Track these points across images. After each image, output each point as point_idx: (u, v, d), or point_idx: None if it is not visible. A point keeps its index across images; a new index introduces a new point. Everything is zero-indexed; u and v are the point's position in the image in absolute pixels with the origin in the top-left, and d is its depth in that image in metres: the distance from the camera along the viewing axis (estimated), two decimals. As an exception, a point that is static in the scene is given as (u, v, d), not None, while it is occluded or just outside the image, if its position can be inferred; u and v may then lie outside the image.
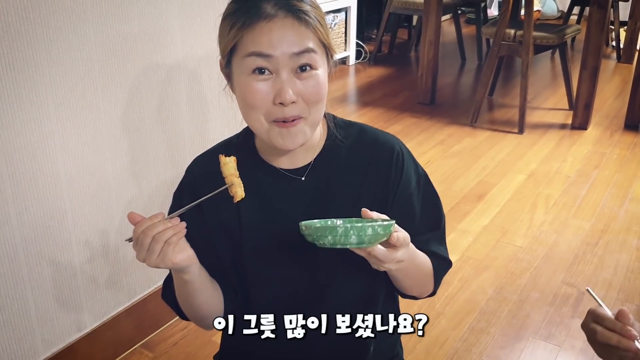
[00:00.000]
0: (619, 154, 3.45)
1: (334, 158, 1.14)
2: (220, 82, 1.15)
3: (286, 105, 1.00)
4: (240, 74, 1.02)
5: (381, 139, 1.16)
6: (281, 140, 1.04)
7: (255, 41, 0.99)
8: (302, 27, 1.00)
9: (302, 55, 1.00)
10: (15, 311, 1.58)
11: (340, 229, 0.91)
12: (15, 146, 1.46)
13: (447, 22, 6.21)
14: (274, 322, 1.20)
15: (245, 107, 1.04)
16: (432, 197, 1.21)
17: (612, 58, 5.40)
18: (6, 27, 1.38)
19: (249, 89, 1.01)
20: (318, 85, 1.03)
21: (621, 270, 2.37)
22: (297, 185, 1.13)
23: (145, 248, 0.98)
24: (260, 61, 0.99)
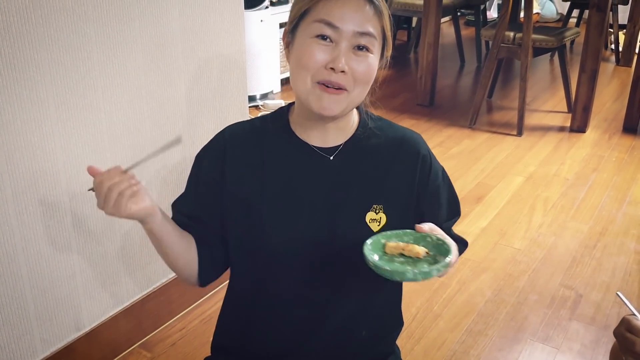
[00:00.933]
0: (617, 156, 3.46)
1: (363, 145, 1.19)
2: (220, 82, 1.15)
3: (336, 72, 1.06)
4: (304, 36, 1.08)
5: (408, 136, 1.23)
6: (319, 102, 1.08)
7: (328, 10, 1.05)
8: (371, 11, 1.07)
9: (363, 36, 1.06)
10: (14, 310, 1.58)
11: (409, 274, 1.00)
12: (16, 146, 1.46)
13: (446, 24, 6.22)
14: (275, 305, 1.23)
15: (298, 67, 1.09)
16: (452, 189, 1.31)
17: (611, 61, 5.41)
18: (7, 26, 1.38)
19: (308, 50, 1.06)
20: (369, 67, 1.09)
21: (619, 273, 2.38)
22: (324, 164, 1.17)
23: (102, 197, 1.04)
24: (327, 29, 1.05)
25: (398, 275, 1.00)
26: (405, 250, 1.07)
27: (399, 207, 1.19)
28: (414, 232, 1.09)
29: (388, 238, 1.10)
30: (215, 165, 1.19)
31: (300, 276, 1.19)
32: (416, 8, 4.85)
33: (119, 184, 1.04)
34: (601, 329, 2.06)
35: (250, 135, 1.21)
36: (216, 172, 1.19)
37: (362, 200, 1.17)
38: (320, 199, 1.16)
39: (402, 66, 5.29)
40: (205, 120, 1.96)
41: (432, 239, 1.08)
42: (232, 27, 1.96)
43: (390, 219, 1.18)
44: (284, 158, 1.17)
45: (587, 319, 2.12)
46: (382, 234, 1.10)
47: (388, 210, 1.18)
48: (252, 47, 3.76)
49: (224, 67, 1.97)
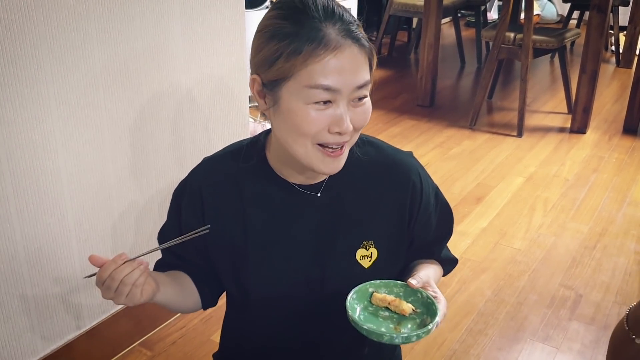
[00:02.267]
0: (617, 157, 3.47)
1: (350, 175, 1.11)
2: (221, 82, 1.15)
3: (343, 134, 0.98)
4: (296, 101, 0.96)
5: (398, 160, 1.15)
6: (323, 166, 1.02)
7: (324, 74, 0.94)
8: (362, 57, 0.97)
9: (361, 88, 0.98)
10: (15, 308, 1.58)
11: (386, 337, 0.97)
12: (17, 143, 1.47)
13: (446, 24, 6.22)
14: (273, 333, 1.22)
15: (295, 133, 0.99)
16: (446, 208, 1.24)
17: (611, 62, 5.41)
18: (9, 24, 1.38)
19: (307, 118, 0.96)
20: (367, 112, 1.02)
21: (619, 274, 2.38)
22: (312, 202, 1.11)
23: (112, 290, 0.98)
24: (326, 94, 0.95)
25: (375, 336, 0.96)
26: (391, 305, 1.03)
27: (391, 239, 1.14)
28: (405, 284, 1.05)
29: (377, 288, 1.06)
30: (192, 211, 1.13)
31: (292, 317, 1.16)
32: (416, 9, 4.85)
33: (131, 275, 0.97)
34: (601, 329, 2.07)
35: (224, 176, 1.12)
36: (194, 218, 1.12)
37: (351, 237, 1.12)
38: (308, 239, 1.11)
39: (402, 67, 5.29)
40: (206, 119, 1.96)
41: (422, 295, 1.03)
42: (233, 26, 1.97)
43: (381, 253, 1.13)
44: (264, 200, 1.10)
45: (587, 319, 2.12)
46: (372, 282, 1.06)
47: (379, 245, 1.13)
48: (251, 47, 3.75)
49: (225, 66, 1.97)
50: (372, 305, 1.05)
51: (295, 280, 1.11)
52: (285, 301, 1.14)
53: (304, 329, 1.18)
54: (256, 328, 1.22)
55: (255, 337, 1.23)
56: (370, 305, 1.05)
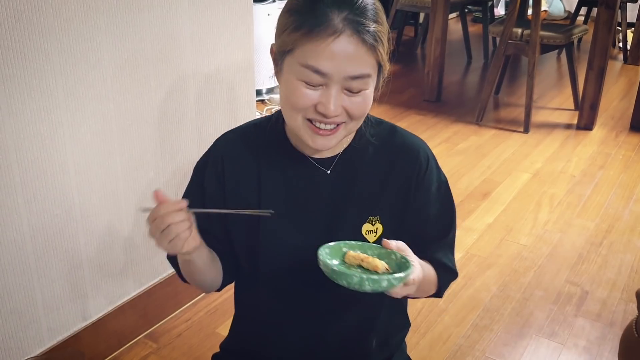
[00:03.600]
0: (624, 154, 3.45)
1: (360, 155, 1.14)
2: (228, 73, 1.15)
3: (328, 117, 1.01)
4: (291, 74, 1.00)
5: (408, 142, 1.16)
6: (312, 141, 1.05)
7: (315, 55, 0.96)
8: (363, 50, 0.97)
9: (356, 80, 0.99)
10: (22, 299, 1.58)
11: (355, 278, 0.94)
12: (25, 135, 1.47)
13: (453, 20, 6.21)
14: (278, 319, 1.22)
15: (287, 104, 1.04)
16: (448, 205, 1.21)
17: (619, 59, 5.39)
18: (18, 15, 1.38)
19: (295, 92, 1.00)
20: (364, 103, 1.03)
21: (625, 270, 2.37)
22: (321, 177, 1.14)
23: (158, 231, 0.99)
24: (315, 76, 0.98)
25: (345, 278, 0.94)
26: (364, 262, 1.02)
27: (396, 216, 1.16)
28: (381, 247, 1.04)
29: (351, 247, 1.06)
30: (215, 178, 1.16)
31: (298, 288, 1.17)
32: (424, 4, 4.84)
33: (180, 224, 0.98)
34: (607, 326, 2.06)
35: (245, 146, 1.16)
36: (217, 185, 1.16)
37: (358, 212, 1.14)
38: (317, 212, 1.14)
39: (409, 62, 5.28)
40: (212, 112, 1.96)
41: (396, 256, 1.02)
42: (241, 20, 1.96)
43: (386, 229, 1.15)
44: (279, 170, 1.14)
45: (592, 315, 2.12)
46: (346, 242, 1.06)
47: (385, 221, 1.15)
48: (259, 40, 3.74)
49: (232, 59, 1.97)
50: (345, 263, 1.04)
51: (303, 252, 1.12)
52: (291, 272, 1.15)
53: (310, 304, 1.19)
54: (265, 310, 1.22)
55: (263, 320, 1.24)
56: (343, 264, 1.04)
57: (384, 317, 1.24)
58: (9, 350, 1.59)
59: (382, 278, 0.94)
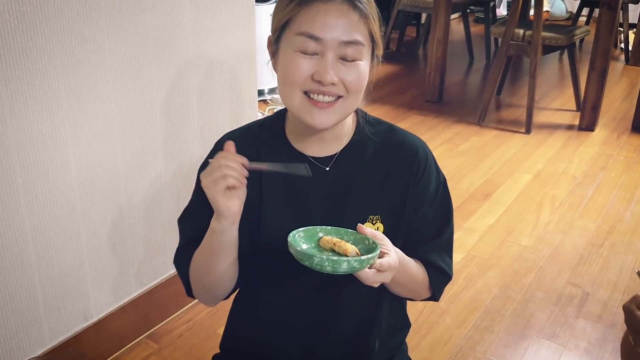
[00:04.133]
0: (625, 155, 3.45)
1: (359, 153, 1.15)
2: (230, 75, 1.15)
3: (324, 85, 1.02)
4: (287, 49, 1.04)
5: (407, 141, 1.17)
6: (311, 118, 1.06)
7: (309, 21, 1.01)
8: (356, 16, 1.02)
9: (350, 45, 1.02)
10: (23, 300, 1.59)
11: (316, 259, 0.95)
12: (27, 135, 1.47)
13: (455, 20, 6.20)
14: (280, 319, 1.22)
15: (284, 82, 1.06)
16: (445, 205, 1.21)
17: (621, 60, 5.39)
18: (20, 16, 1.38)
19: (292, 64, 1.03)
20: (359, 75, 1.05)
21: (626, 272, 2.37)
22: (321, 174, 1.14)
23: (214, 177, 1.00)
24: (310, 42, 1.01)
25: (306, 258, 0.96)
26: (336, 246, 1.03)
27: (396, 215, 1.16)
28: (357, 232, 1.04)
29: (327, 232, 1.07)
30: None
31: (299, 287, 1.17)
32: (426, 4, 4.84)
33: (237, 176, 1.00)
34: (608, 327, 2.06)
35: (246, 145, 1.16)
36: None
37: (358, 210, 1.14)
38: (317, 210, 1.15)
39: (410, 62, 5.28)
40: (215, 113, 1.96)
41: (369, 242, 1.02)
42: (243, 20, 1.96)
43: (387, 228, 1.15)
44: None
45: (593, 317, 2.12)
46: (323, 227, 1.07)
47: (385, 219, 1.15)
48: (261, 41, 3.75)
49: (234, 60, 1.97)
50: (319, 246, 1.05)
51: None
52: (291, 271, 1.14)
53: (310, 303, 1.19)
54: (265, 309, 1.22)
55: (264, 320, 1.24)
56: (317, 247, 1.05)
57: (384, 317, 1.25)
58: (10, 351, 1.60)
59: (341, 259, 0.95)
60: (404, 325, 1.35)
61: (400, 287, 1.18)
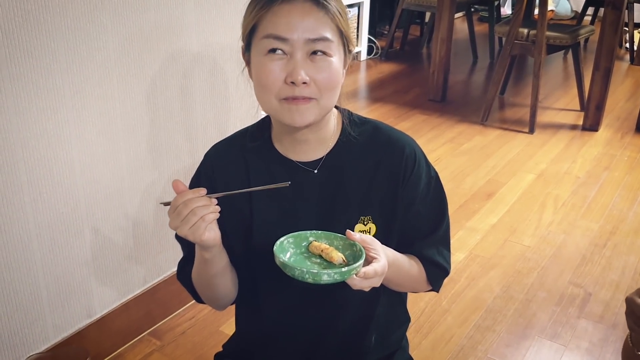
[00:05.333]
0: (629, 156, 3.45)
1: (346, 154, 1.15)
2: (233, 74, 1.16)
3: (297, 85, 1.01)
4: (257, 55, 1.04)
5: (394, 138, 1.16)
6: (289, 117, 1.05)
7: (273, 23, 1.01)
8: (320, 14, 1.01)
9: (317, 42, 1.01)
10: (28, 296, 1.60)
11: (297, 271, 0.96)
12: (31, 133, 1.48)
13: (459, 19, 6.20)
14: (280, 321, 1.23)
15: (259, 88, 1.06)
16: (439, 200, 1.21)
17: (625, 60, 5.38)
18: (25, 14, 1.39)
19: (263, 69, 1.03)
20: (330, 70, 1.03)
21: (629, 272, 2.37)
22: (309, 178, 1.14)
23: (181, 217, 1.01)
24: (276, 43, 1.01)
25: (289, 270, 0.97)
26: (323, 252, 1.03)
27: (388, 214, 1.16)
28: (345, 237, 1.04)
29: (317, 237, 1.07)
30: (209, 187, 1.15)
31: (294, 290, 1.17)
32: (430, 3, 4.84)
33: (203, 208, 1.01)
34: (609, 328, 2.06)
35: (234, 155, 1.18)
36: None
37: (349, 212, 1.14)
38: (308, 214, 1.15)
39: (414, 61, 5.28)
40: (218, 112, 1.97)
41: (356, 248, 1.02)
42: (247, 19, 1.97)
43: (380, 228, 1.15)
44: (268, 175, 1.15)
45: (595, 317, 2.12)
46: (314, 232, 1.07)
47: (377, 219, 1.15)
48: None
49: (238, 59, 1.97)
50: (308, 252, 1.06)
51: None
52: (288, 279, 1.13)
53: (306, 307, 1.20)
54: (264, 311, 1.23)
55: (262, 321, 1.25)
56: (306, 252, 1.06)
57: (382, 313, 1.25)
58: (14, 347, 1.61)
59: (321, 272, 0.95)
60: (404, 321, 1.36)
61: (395, 284, 1.19)
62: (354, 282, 0.97)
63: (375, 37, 5.25)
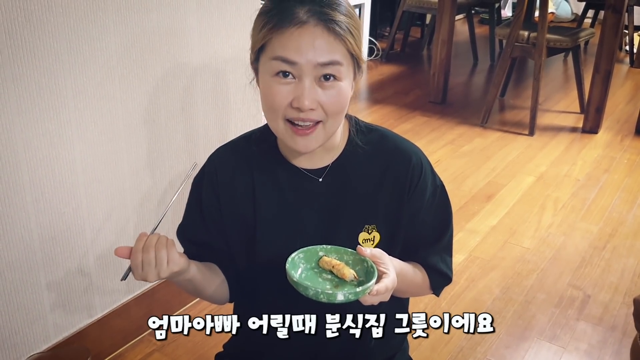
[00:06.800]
0: (629, 158, 3.46)
1: (352, 163, 1.15)
2: (235, 76, 1.16)
3: (303, 111, 1.01)
4: (265, 74, 1.03)
5: (401, 148, 1.16)
6: (293, 143, 1.06)
7: (283, 46, 0.99)
8: (331, 38, 0.99)
9: (327, 67, 1.00)
10: (29, 296, 1.60)
11: (311, 291, 0.96)
12: (34, 133, 1.48)
13: (460, 21, 6.21)
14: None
15: (266, 107, 1.06)
16: (444, 209, 1.21)
17: (625, 62, 5.39)
18: (28, 15, 1.40)
19: (270, 90, 1.02)
20: (339, 96, 1.03)
21: (628, 275, 2.38)
22: (314, 186, 1.14)
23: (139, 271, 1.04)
24: (285, 66, 1.00)
25: (301, 289, 0.97)
26: (335, 268, 1.03)
27: (392, 223, 1.16)
28: (356, 252, 1.04)
29: (327, 252, 1.07)
30: (211, 190, 1.18)
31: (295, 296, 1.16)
32: (430, 5, 4.84)
33: (153, 257, 1.03)
34: (608, 330, 2.07)
35: (238, 160, 1.18)
36: (213, 196, 1.18)
37: (353, 221, 1.14)
38: (312, 221, 1.15)
39: (415, 63, 5.29)
40: (220, 113, 1.98)
41: (367, 264, 1.02)
42: (249, 20, 1.96)
43: (384, 237, 1.15)
44: (273, 181, 1.15)
45: (594, 319, 2.13)
46: (323, 246, 1.07)
47: (382, 228, 1.15)
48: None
49: (240, 60, 1.98)
50: (318, 267, 1.06)
51: None
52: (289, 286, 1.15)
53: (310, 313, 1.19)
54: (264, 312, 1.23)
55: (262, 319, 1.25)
56: (316, 267, 1.06)
57: (381, 309, 1.25)
58: (15, 346, 1.61)
59: (336, 293, 0.95)
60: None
61: (400, 292, 1.19)
62: (366, 299, 0.98)
63: (376, 39, 5.26)
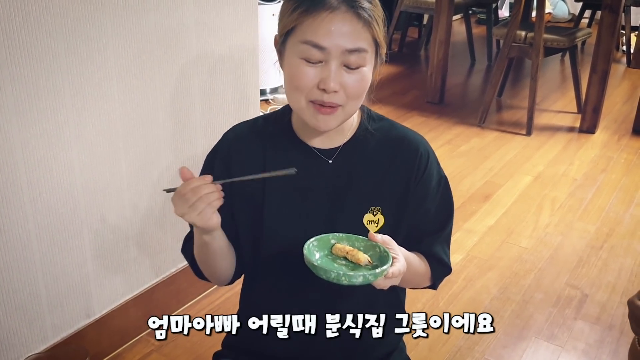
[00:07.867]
0: (626, 158, 3.46)
1: (362, 147, 1.19)
2: (233, 75, 1.16)
3: (328, 93, 1.05)
4: (292, 55, 1.06)
5: (409, 137, 1.21)
6: (315, 121, 1.09)
7: (313, 30, 1.02)
8: (359, 25, 1.03)
9: (353, 53, 1.04)
10: (27, 296, 1.60)
11: (333, 274, 0.99)
12: (31, 133, 1.48)
13: (457, 21, 6.21)
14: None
15: (290, 86, 1.08)
16: (447, 200, 1.24)
17: (622, 62, 5.40)
18: (26, 15, 1.40)
19: (297, 72, 1.05)
20: (362, 81, 1.08)
21: (625, 274, 2.38)
22: (324, 166, 1.18)
23: (188, 204, 1.04)
24: (314, 51, 1.03)
25: (323, 272, 0.99)
26: (349, 254, 1.06)
27: (397, 208, 1.19)
28: (367, 239, 1.07)
29: (339, 240, 1.09)
30: (223, 167, 1.21)
31: (298, 276, 1.18)
32: (428, 5, 4.85)
33: (210, 195, 1.04)
34: (606, 329, 2.07)
35: (252, 136, 1.22)
36: (225, 171, 1.20)
37: (359, 202, 1.17)
38: (320, 201, 1.18)
39: (412, 63, 5.29)
40: (217, 112, 1.98)
41: (380, 249, 1.05)
42: (246, 20, 1.98)
43: (388, 221, 1.18)
44: (284, 159, 1.18)
45: (592, 318, 2.13)
46: (335, 234, 1.10)
47: (386, 212, 1.18)
48: (263, 41, 3.76)
49: (237, 60, 1.98)
50: (332, 254, 1.08)
51: (304, 239, 1.14)
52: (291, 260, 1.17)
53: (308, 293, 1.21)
54: (267, 303, 1.24)
55: (263, 305, 1.25)
56: (330, 254, 1.08)
57: (380, 309, 1.26)
58: (12, 347, 1.61)
59: (357, 274, 0.98)
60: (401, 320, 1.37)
61: (403, 281, 1.20)
62: (379, 282, 1.01)
63: (373, 39, 5.25)
